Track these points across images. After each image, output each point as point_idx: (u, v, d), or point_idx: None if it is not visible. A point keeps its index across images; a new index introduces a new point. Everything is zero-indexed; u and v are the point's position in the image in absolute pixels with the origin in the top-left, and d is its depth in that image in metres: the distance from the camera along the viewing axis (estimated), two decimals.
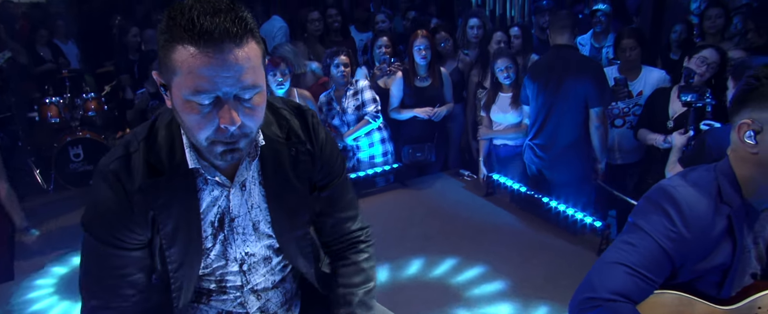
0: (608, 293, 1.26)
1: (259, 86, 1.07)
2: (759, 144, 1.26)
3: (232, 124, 1.05)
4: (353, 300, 1.41)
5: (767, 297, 1.36)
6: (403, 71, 4.14)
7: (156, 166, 1.17)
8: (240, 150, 1.11)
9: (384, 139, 4.07)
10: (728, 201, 1.31)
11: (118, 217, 1.17)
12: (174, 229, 1.21)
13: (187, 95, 1.03)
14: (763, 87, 1.24)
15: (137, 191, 1.16)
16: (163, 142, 1.19)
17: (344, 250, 1.48)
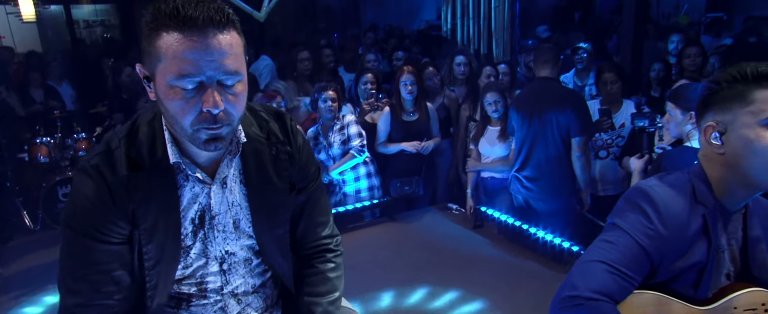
0: (589, 291, 1.28)
1: (241, 74, 1.12)
2: (725, 144, 1.31)
3: (215, 108, 1.08)
4: (317, 310, 1.42)
5: (742, 297, 1.38)
6: (391, 106, 4.22)
7: (137, 161, 1.19)
8: (223, 138, 1.14)
9: (370, 173, 4.10)
10: (703, 201, 1.35)
11: (100, 209, 1.18)
12: (153, 225, 1.22)
13: (171, 80, 1.07)
14: (723, 91, 1.30)
15: (118, 184, 1.18)
16: (144, 139, 1.21)
17: (312, 257, 1.49)
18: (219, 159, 1.27)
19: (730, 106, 1.29)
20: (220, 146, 1.16)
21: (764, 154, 1.25)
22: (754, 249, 1.42)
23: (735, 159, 1.30)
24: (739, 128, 1.28)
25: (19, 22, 7.53)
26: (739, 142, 1.28)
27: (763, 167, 1.27)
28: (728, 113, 1.29)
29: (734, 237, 1.42)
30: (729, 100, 1.29)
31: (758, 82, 1.25)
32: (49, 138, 5.43)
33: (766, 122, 1.24)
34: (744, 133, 1.27)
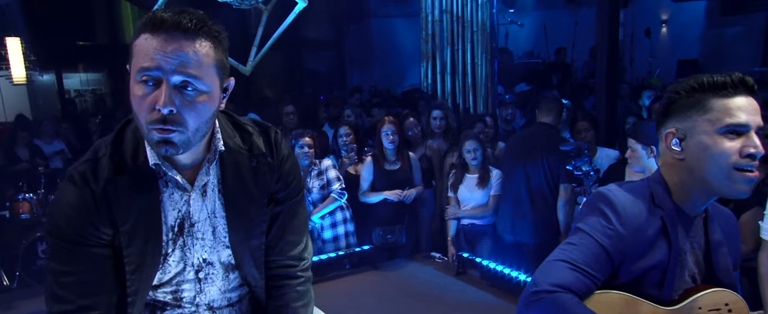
0: (549, 285, 1.30)
1: (204, 84, 1.15)
2: (684, 150, 1.38)
3: (164, 106, 1.11)
4: None
5: (706, 297, 1.41)
6: (373, 156, 4.31)
7: (120, 165, 1.23)
8: (175, 144, 1.16)
9: (346, 219, 4.14)
10: (660, 204, 1.41)
11: (84, 215, 1.20)
12: (133, 228, 1.24)
13: (135, 74, 1.13)
14: (682, 99, 1.38)
15: (102, 190, 1.21)
16: (128, 145, 1.26)
17: (282, 274, 1.48)
18: (197, 165, 1.30)
19: (689, 114, 1.37)
20: (173, 151, 1.17)
21: (720, 159, 1.32)
22: (716, 254, 1.47)
23: (693, 164, 1.37)
24: (698, 135, 1.35)
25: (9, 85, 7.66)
26: (698, 148, 1.35)
27: (719, 172, 1.33)
28: (687, 121, 1.37)
29: (696, 241, 1.46)
30: (688, 109, 1.37)
31: (715, 92, 1.34)
32: (32, 194, 5.41)
33: (723, 130, 1.31)
34: (702, 140, 1.34)
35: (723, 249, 1.48)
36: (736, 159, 1.31)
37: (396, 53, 10.34)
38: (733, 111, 1.31)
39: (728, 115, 1.31)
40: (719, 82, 1.33)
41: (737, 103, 1.32)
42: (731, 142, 1.31)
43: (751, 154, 1.30)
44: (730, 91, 1.33)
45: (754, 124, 1.32)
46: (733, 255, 1.50)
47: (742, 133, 1.32)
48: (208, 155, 1.30)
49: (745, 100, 1.33)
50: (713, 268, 1.46)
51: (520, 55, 10.36)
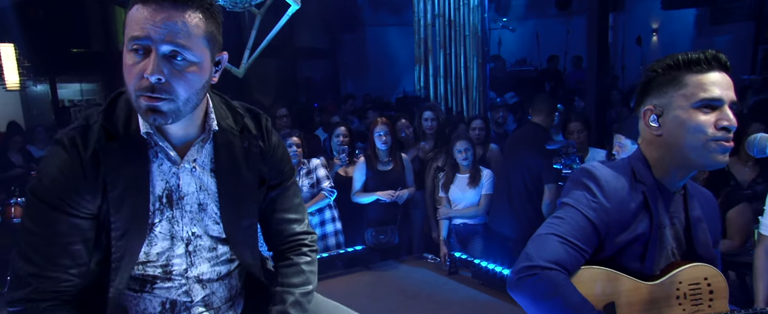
0: (544, 261, 1.33)
1: (194, 54, 1.18)
2: (662, 126, 1.42)
3: (151, 74, 1.13)
4: (288, 299, 1.43)
5: (685, 271, 1.43)
6: (366, 156, 4.33)
7: (111, 132, 1.24)
8: (163, 113, 1.18)
9: (334, 218, 4.16)
10: (641, 179, 1.44)
11: (70, 180, 1.21)
12: (121, 194, 1.24)
13: (127, 43, 1.15)
14: (659, 77, 1.43)
15: (92, 155, 1.21)
16: (120, 113, 1.27)
17: (287, 251, 1.52)
18: (190, 141, 1.33)
19: (665, 91, 1.41)
20: (161, 120, 1.19)
21: (696, 132, 1.36)
22: (696, 229, 1.50)
23: (671, 139, 1.40)
24: (674, 110, 1.39)
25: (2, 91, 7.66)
26: (675, 122, 1.39)
27: (696, 144, 1.37)
28: (664, 97, 1.41)
29: (677, 216, 1.49)
30: (665, 85, 1.41)
31: (689, 68, 1.38)
32: (24, 198, 5.40)
33: (698, 104, 1.36)
34: (678, 115, 1.38)
35: (702, 225, 1.51)
36: (712, 132, 1.34)
37: (390, 62, 10.41)
38: (707, 86, 1.35)
39: (703, 90, 1.35)
40: (694, 59, 1.37)
41: (711, 79, 1.36)
42: (706, 115, 1.35)
43: (725, 126, 1.34)
44: (704, 67, 1.37)
45: (727, 98, 1.36)
46: (712, 233, 1.53)
47: (716, 108, 1.35)
48: (203, 134, 1.33)
49: (718, 76, 1.37)
50: (693, 244, 1.49)
51: (513, 62, 10.45)
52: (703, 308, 1.43)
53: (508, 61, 10.34)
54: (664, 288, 1.42)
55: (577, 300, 1.30)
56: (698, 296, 1.43)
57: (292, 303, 1.43)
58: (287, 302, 1.43)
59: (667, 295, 1.41)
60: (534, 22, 10.91)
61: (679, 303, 1.42)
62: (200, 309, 1.42)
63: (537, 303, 1.33)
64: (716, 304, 1.44)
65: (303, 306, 1.45)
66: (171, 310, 1.40)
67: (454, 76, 5.76)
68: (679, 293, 1.42)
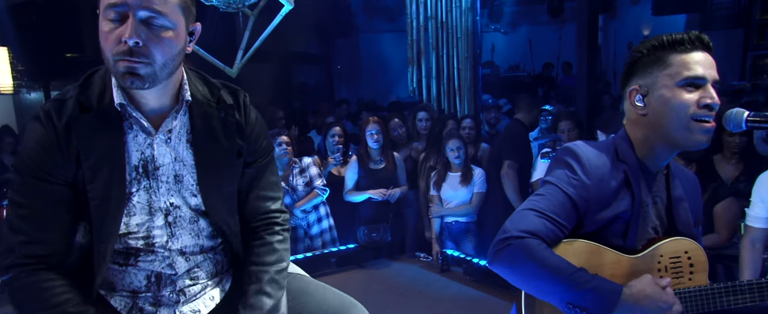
0: (518, 231, 1.35)
1: (171, 22, 1.22)
2: (647, 105, 1.45)
3: (130, 37, 1.17)
4: (264, 277, 1.44)
5: (666, 245, 1.46)
6: (358, 155, 4.35)
7: (85, 105, 1.28)
8: (141, 77, 1.21)
9: (328, 214, 4.19)
10: (624, 158, 1.47)
11: (47, 150, 1.25)
12: (96, 164, 1.27)
13: (103, 9, 1.19)
14: (645, 57, 1.46)
15: (65, 126, 1.25)
16: (95, 88, 1.31)
17: (260, 229, 1.53)
18: (164, 113, 1.35)
19: (651, 71, 1.44)
20: (139, 83, 1.22)
21: (680, 110, 1.39)
22: (677, 208, 1.53)
23: (655, 118, 1.44)
24: (659, 89, 1.42)
25: None
26: (659, 101, 1.42)
27: (679, 123, 1.40)
28: (649, 77, 1.44)
29: (659, 195, 1.52)
30: (650, 66, 1.44)
31: (674, 48, 1.41)
32: None
33: (682, 83, 1.39)
34: (663, 93, 1.41)
35: (684, 204, 1.54)
36: (694, 109, 1.38)
37: (383, 68, 10.46)
38: (690, 65, 1.39)
39: (686, 69, 1.38)
40: (678, 39, 1.41)
41: (695, 58, 1.39)
42: (690, 94, 1.38)
43: (708, 104, 1.37)
44: (687, 47, 1.40)
45: (710, 77, 1.39)
46: (693, 212, 1.56)
47: (699, 86, 1.39)
48: (177, 105, 1.35)
49: (701, 55, 1.40)
50: (674, 221, 1.52)
51: (507, 68, 10.54)
52: (683, 281, 1.46)
53: (501, 67, 10.43)
54: (645, 261, 1.44)
55: (556, 261, 1.32)
56: (679, 269, 1.46)
57: (268, 281, 1.43)
58: (263, 280, 1.43)
59: (648, 268, 1.44)
60: (527, 28, 10.99)
61: (660, 275, 1.45)
62: (187, 282, 1.43)
63: (515, 269, 1.35)
64: (696, 277, 1.47)
65: (279, 284, 1.46)
66: (157, 283, 1.41)
67: (446, 77, 5.81)
68: (660, 266, 1.45)
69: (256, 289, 1.42)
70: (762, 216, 2.58)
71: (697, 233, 1.56)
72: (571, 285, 1.30)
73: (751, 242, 2.64)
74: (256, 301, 1.40)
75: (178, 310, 1.43)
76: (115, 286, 1.41)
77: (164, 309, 1.42)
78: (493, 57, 10.36)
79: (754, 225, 2.61)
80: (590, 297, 1.30)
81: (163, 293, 1.42)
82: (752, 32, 9.07)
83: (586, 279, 1.31)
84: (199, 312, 1.46)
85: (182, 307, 1.43)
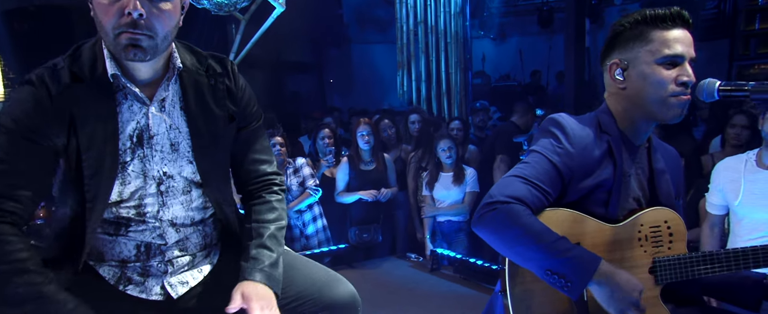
0: (503, 196, 1.38)
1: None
2: (626, 79, 1.49)
3: (134, 9, 1.20)
4: (265, 233, 1.48)
5: (647, 215, 1.49)
6: (349, 157, 4.39)
7: (78, 75, 1.30)
8: (144, 49, 1.25)
9: (321, 214, 4.22)
10: (607, 130, 1.51)
11: (37, 112, 1.25)
12: (91, 133, 1.29)
13: None
14: (626, 31, 1.50)
15: (59, 93, 1.26)
16: (86, 59, 1.33)
17: (258, 190, 1.57)
18: (157, 81, 1.38)
19: (631, 46, 1.48)
20: (141, 55, 1.25)
21: (658, 87, 1.43)
22: (659, 180, 1.56)
23: (634, 92, 1.48)
24: (639, 65, 1.46)
25: None
26: (639, 77, 1.46)
27: (657, 98, 1.44)
28: (630, 51, 1.48)
29: (641, 167, 1.56)
30: (631, 40, 1.48)
31: (656, 24, 1.45)
32: None
33: (661, 60, 1.43)
34: (642, 70, 1.45)
35: (665, 176, 1.57)
36: (672, 87, 1.42)
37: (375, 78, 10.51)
38: (671, 42, 1.43)
39: (667, 47, 1.43)
40: (660, 15, 1.45)
41: (675, 35, 1.44)
42: (668, 71, 1.43)
43: (684, 82, 1.42)
44: (668, 24, 1.44)
45: (688, 55, 1.44)
46: (675, 185, 1.60)
47: (678, 64, 1.43)
48: (168, 73, 1.38)
49: (681, 33, 1.45)
50: (656, 193, 1.56)
51: (497, 77, 10.63)
52: (662, 250, 1.49)
53: (492, 77, 10.51)
54: (626, 230, 1.47)
55: (539, 228, 1.34)
56: (659, 238, 1.49)
57: (269, 236, 1.47)
58: (264, 235, 1.47)
59: (629, 237, 1.47)
60: (517, 39, 11.11)
61: (641, 244, 1.48)
62: (175, 253, 1.45)
63: (498, 233, 1.38)
64: (675, 246, 1.50)
65: (278, 240, 1.49)
66: (146, 253, 1.42)
67: (435, 80, 5.88)
68: (640, 235, 1.48)
69: (258, 243, 1.46)
70: (717, 203, 2.70)
71: (678, 205, 1.60)
72: (552, 252, 1.33)
73: (709, 227, 2.79)
74: (257, 254, 1.44)
75: (166, 281, 1.44)
76: (104, 256, 1.42)
77: (152, 280, 1.44)
78: (483, 66, 10.45)
79: (711, 212, 2.73)
80: (569, 265, 1.32)
81: (151, 263, 1.43)
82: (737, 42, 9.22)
83: (566, 247, 1.34)
84: (187, 283, 1.47)
85: (170, 278, 1.45)
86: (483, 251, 3.87)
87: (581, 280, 1.32)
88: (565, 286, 1.32)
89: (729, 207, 2.68)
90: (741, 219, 2.62)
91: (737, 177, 2.58)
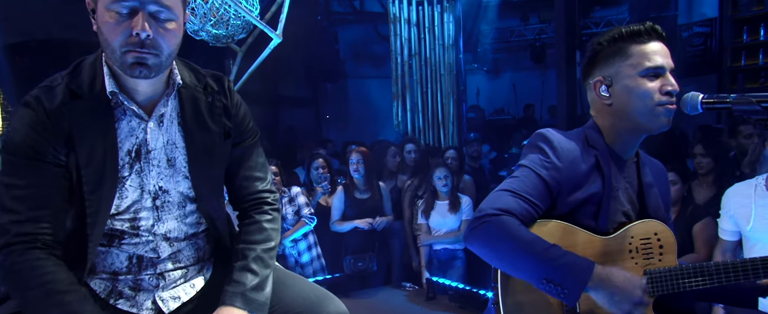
0: (493, 209, 1.40)
1: (175, 15, 1.30)
2: (612, 95, 1.53)
3: (143, 30, 1.24)
4: (250, 255, 1.47)
5: (636, 227, 1.51)
6: (344, 186, 4.40)
7: (77, 92, 1.32)
8: (149, 66, 1.28)
9: (316, 242, 4.21)
10: (594, 144, 1.55)
11: (39, 132, 1.28)
12: (90, 149, 1.31)
13: (108, 4, 1.25)
14: (604, 49, 1.55)
15: (56, 110, 1.29)
16: (85, 75, 1.35)
17: (249, 209, 1.57)
18: (156, 99, 1.40)
19: (613, 62, 1.53)
20: (146, 72, 1.29)
21: (644, 98, 1.48)
22: (648, 193, 1.59)
23: (621, 106, 1.52)
24: (623, 79, 1.51)
25: None
26: (624, 90, 1.51)
27: (644, 109, 1.49)
28: (612, 67, 1.53)
29: (629, 181, 1.59)
30: (611, 57, 1.53)
31: (632, 39, 1.51)
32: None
33: (644, 72, 1.48)
34: (627, 83, 1.50)
35: (654, 190, 1.60)
36: (658, 97, 1.47)
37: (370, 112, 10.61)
38: (650, 55, 1.48)
39: (647, 59, 1.48)
40: (635, 31, 1.51)
41: (653, 48, 1.49)
42: (652, 82, 1.48)
43: (669, 91, 1.47)
44: (644, 38, 1.50)
45: (668, 66, 1.49)
46: (663, 199, 1.62)
47: (659, 75, 1.48)
48: (168, 89, 1.41)
49: (658, 45, 1.50)
50: (646, 206, 1.58)
51: (491, 112, 10.76)
52: (653, 262, 1.50)
53: (486, 111, 10.63)
54: (617, 241, 1.49)
55: (530, 237, 1.36)
56: (649, 250, 1.50)
57: (254, 259, 1.46)
58: (249, 257, 1.46)
59: (620, 249, 1.48)
60: (511, 74, 11.30)
61: (632, 256, 1.49)
62: (168, 266, 1.45)
63: (490, 246, 1.39)
64: (666, 258, 1.51)
65: (265, 262, 1.48)
66: (138, 265, 1.42)
67: (430, 111, 5.96)
68: (631, 247, 1.50)
69: (242, 266, 1.45)
70: (729, 229, 2.70)
71: (667, 218, 1.62)
72: (545, 260, 1.34)
73: (722, 253, 2.79)
74: (239, 277, 1.42)
75: (158, 295, 1.44)
76: (96, 268, 1.41)
77: (143, 294, 1.43)
78: (478, 101, 10.59)
79: (724, 238, 2.72)
80: (563, 271, 1.33)
81: (142, 276, 1.43)
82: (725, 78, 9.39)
83: (559, 254, 1.35)
84: (179, 298, 1.47)
85: (162, 293, 1.45)
86: (479, 279, 3.84)
87: (576, 286, 1.33)
88: (562, 293, 1.33)
89: (741, 232, 2.68)
90: (754, 245, 2.61)
91: (748, 202, 2.58)
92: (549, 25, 10.01)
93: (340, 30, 10.31)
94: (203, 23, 4.18)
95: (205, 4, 4.19)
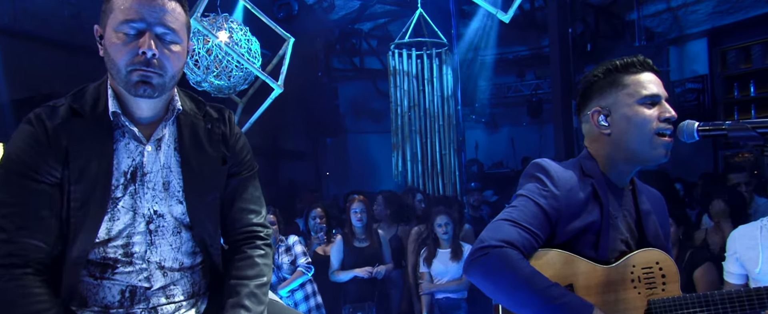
0: (495, 241, 1.39)
1: (180, 38, 1.36)
2: (611, 124, 1.56)
3: (149, 49, 1.28)
4: (243, 291, 1.44)
5: (638, 256, 1.50)
6: (343, 235, 4.38)
7: (78, 111, 1.35)
8: (154, 86, 1.31)
9: (315, 291, 4.14)
10: (590, 173, 1.56)
11: (35, 150, 1.29)
12: (83, 166, 1.31)
13: (116, 26, 1.29)
14: (599, 81, 1.59)
15: (56, 128, 1.30)
16: (89, 97, 1.38)
17: (241, 243, 1.54)
18: (156, 123, 1.43)
19: (608, 92, 1.56)
20: (150, 91, 1.32)
21: (644, 126, 1.50)
22: (646, 221, 1.59)
23: (619, 135, 1.54)
24: (621, 108, 1.54)
25: None
26: (622, 119, 1.53)
27: (643, 137, 1.51)
28: (609, 98, 1.56)
29: (627, 210, 1.59)
30: (606, 87, 1.57)
31: (626, 70, 1.56)
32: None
33: (642, 101, 1.52)
34: (625, 112, 1.53)
35: (652, 217, 1.60)
36: (657, 124, 1.49)
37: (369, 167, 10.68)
38: (645, 84, 1.53)
39: (643, 88, 1.52)
40: (629, 62, 1.56)
41: (647, 78, 1.54)
42: (650, 110, 1.51)
43: (668, 118, 1.50)
44: (638, 69, 1.55)
45: (663, 94, 1.53)
46: (662, 227, 1.62)
47: (656, 103, 1.52)
48: (167, 114, 1.43)
49: (651, 75, 1.55)
50: (645, 234, 1.57)
51: (490, 165, 10.83)
52: (657, 291, 1.48)
53: (485, 164, 10.71)
54: (619, 271, 1.47)
55: (531, 273, 1.35)
56: (651, 279, 1.49)
57: (246, 295, 1.43)
58: (241, 294, 1.43)
59: (622, 278, 1.47)
60: (508, 128, 11.45)
61: (634, 286, 1.47)
62: (161, 300, 1.42)
63: (490, 278, 1.38)
64: (669, 287, 1.49)
65: (258, 298, 1.45)
66: (130, 299, 1.39)
67: (430, 161, 6.00)
68: (633, 277, 1.48)
69: (234, 302, 1.41)
70: (736, 272, 2.64)
71: (667, 246, 1.61)
72: (544, 298, 1.33)
73: None
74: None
75: None
76: (87, 301, 1.38)
77: None
78: (477, 154, 10.68)
79: (730, 281, 2.66)
80: (562, 311, 1.32)
81: (135, 310, 1.39)
82: None
83: (559, 294, 1.34)
84: None
85: None
86: None
87: None
88: None
89: (749, 275, 2.63)
90: None
91: (754, 244, 2.53)
92: (545, 81, 10.22)
93: (340, 86, 10.53)
94: (206, 74, 4.28)
95: (208, 56, 4.31)
